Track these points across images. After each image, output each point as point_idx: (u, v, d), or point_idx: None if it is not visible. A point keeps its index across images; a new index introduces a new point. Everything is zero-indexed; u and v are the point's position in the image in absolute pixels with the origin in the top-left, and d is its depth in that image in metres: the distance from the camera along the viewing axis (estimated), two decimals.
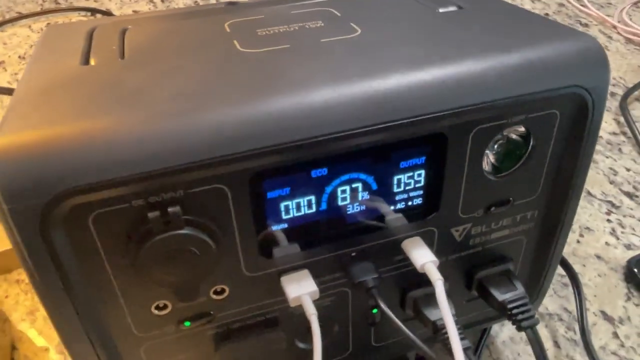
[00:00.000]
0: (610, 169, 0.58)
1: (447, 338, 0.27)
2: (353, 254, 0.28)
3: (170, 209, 0.23)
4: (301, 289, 0.27)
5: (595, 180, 0.57)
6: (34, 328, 0.43)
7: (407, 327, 0.27)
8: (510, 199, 0.30)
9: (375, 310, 0.32)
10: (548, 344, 0.42)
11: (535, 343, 0.30)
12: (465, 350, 0.29)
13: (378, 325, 0.33)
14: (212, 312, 0.28)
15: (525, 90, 0.26)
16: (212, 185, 0.23)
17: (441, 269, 0.29)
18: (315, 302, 0.29)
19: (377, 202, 0.27)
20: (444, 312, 0.26)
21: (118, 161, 0.21)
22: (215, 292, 0.27)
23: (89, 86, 0.25)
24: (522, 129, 0.28)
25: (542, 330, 0.43)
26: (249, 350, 0.29)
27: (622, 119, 0.65)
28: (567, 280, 0.46)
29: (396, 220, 0.28)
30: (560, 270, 0.47)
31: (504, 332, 0.42)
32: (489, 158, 0.29)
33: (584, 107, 0.28)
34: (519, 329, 0.31)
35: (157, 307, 0.26)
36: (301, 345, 0.32)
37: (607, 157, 0.60)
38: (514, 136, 0.28)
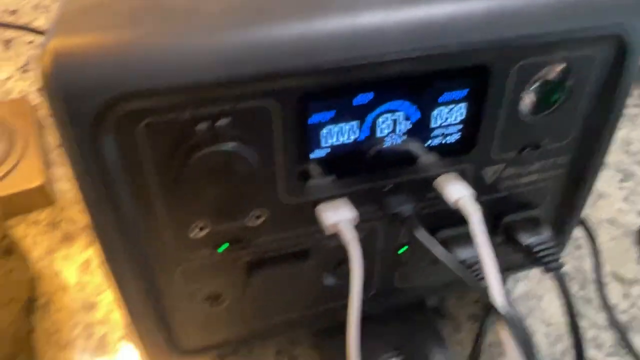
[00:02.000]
0: (625, 139, 0.59)
1: (479, 275, 0.28)
2: (388, 186, 0.29)
3: (218, 122, 0.23)
4: (338, 215, 0.27)
5: (610, 149, 0.57)
6: (52, 267, 0.43)
7: (429, 272, 0.28)
8: (543, 142, 0.30)
9: (401, 251, 0.32)
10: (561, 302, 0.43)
11: (563, 285, 0.30)
12: None
13: (403, 266, 0.34)
14: (248, 238, 0.28)
15: (571, 25, 0.26)
16: (259, 102, 0.23)
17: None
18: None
19: (416, 135, 0.28)
20: (481, 240, 0.26)
21: (171, 69, 0.21)
22: (253, 217, 0.27)
23: None
24: (561, 68, 0.28)
25: (555, 289, 0.43)
26: (279, 279, 0.29)
27: (637, 92, 0.65)
28: (580, 242, 0.47)
29: (431, 155, 0.29)
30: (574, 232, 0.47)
31: (518, 287, 0.43)
32: (526, 98, 0.29)
33: (622, 50, 0.28)
34: (547, 270, 0.31)
35: (196, 228, 0.26)
36: (330, 280, 0.32)
37: (622, 128, 0.60)
38: (552, 76, 0.28)
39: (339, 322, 0.35)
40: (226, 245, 0.27)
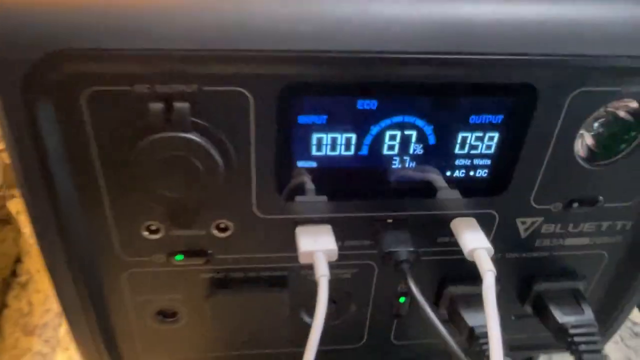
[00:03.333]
0: None
1: (486, 350, 0.22)
2: (389, 220, 0.23)
3: (177, 104, 0.18)
4: (317, 244, 0.22)
5: None
6: None
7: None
8: (600, 198, 0.24)
9: (402, 299, 0.27)
10: None
11: None
12: None
13: (403, 318, 0.28)
14: (210, 252, 0.23)
15: None
16: (232, 87, 0.19)
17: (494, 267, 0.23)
18: (332, 270, 0.24)
19: (432, 161, 0.22)
20: (490, 312, 0.20)
21: (125, 30, 0.17)
22: (218, 228, 0.23)
23: None
24: (635, 105, 0.22)
25: None
26: (245, 306, 0.25)
27: None
28: (638, 329, 0.38)
29: (451, 191, 0.23)
30: (632, 315, 0.39)
31: None
32: (585, 138, 0.23)
33: None
34: None
35: (148, 229, 0.22)
36: (307, 319, 0.27)
37: None
38: (623, 114, 0.22)
39: None
40: (181, 256, 0.23)
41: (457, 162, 0.22)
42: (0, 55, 0.17)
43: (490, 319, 0.20)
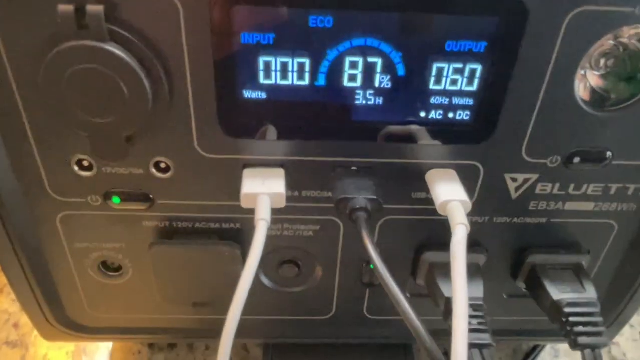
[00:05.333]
0: None
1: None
2: (353, 167, 0.20)
3: (90, 7, 0.16)
4: (263, 187, 0.19)
5: None
6: None
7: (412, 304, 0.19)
8: (608, 153, 0.20)
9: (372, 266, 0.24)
10: None
11: None
12: (478, 347, 0.20)
13: (376, 289, 0.25)
14: (151, 196, 0.21)
15: None
16: None
17: (478, 234, 0.20)
18: (292, 226, 0.22)
19: (402, 98, 0.19)
20: (457, 271, 0.17)
21: None
22: (157, 167, 0.20)
23: None
24: None
25: None
26: (193, 262, 0.22)
27: None
28: None
29: (426, 136, 0.20)
30: None
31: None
32: (589, 78, 0.19)
33: None
34: (574, 346, 0.21)
35: (80, 165, 0.20)
36: (266, 281, 0.24)
37: None
38: (636, 45, 0.18)
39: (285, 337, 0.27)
40: (118, 199, 0.20)
41: (432, 100, 0.19)
42: None
43: (457, 280, 0.17)
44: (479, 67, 0.18)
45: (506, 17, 0.17)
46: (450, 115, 0.19)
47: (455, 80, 0.18)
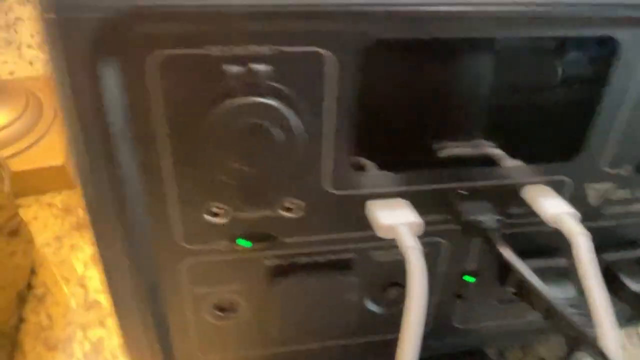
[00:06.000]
0: None
1: (568, 322, 0.21)
2: (460, 191, 0.22)
3: (256, 66, 0.17)
4: (398, 217, 0.21)
5: None
6: (58, 256, 0.39)
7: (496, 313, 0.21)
8: None
9: (467, 277, 0.26)
10: None
11: None
12: None
13: (465, 300, 0.27)
14: (275, 235, 0.22)
15: None
16: (310, 47, 0.18)
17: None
18: (397, 251, 0.23)
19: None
20: (589, 270, 0.19)
21: None
22: (285, 208, 0.21)
23: None
24: None
25: None
26: (310, 293, 0.23)
27: None
28: None
29: (517, 156, 0.22)
30: None
31: None
32: None
33: None
34: None
35: (211, 212, 0.21)
36: (371, 306, 0.25)
37: None
38: None
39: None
40: (247, 242, 0.21)
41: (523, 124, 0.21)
42: (68, 15, 0.16)
43: (592, 279, 0.19)
44: (571, 92, 0.21)
45: (600, 53, 0.20)
46: (540, 135, 0.22)
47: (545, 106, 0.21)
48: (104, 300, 0.36)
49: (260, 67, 0.17)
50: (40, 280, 0.37)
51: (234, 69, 0.17)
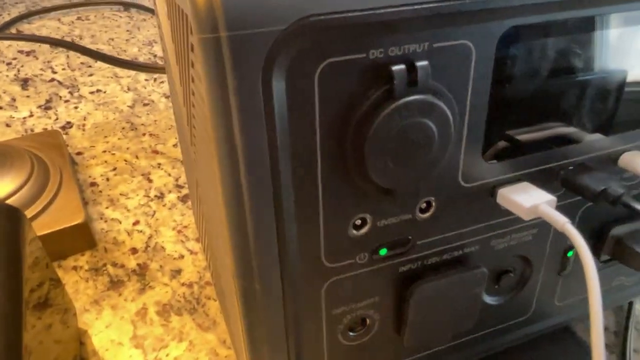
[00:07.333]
0: None
1: None
2: (570, 167, 0.23)
3: (419, 64, 0.17)
4: (537, 198, 0.21)
5: None
6: (102, 321, 0.36)
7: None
8: None
9: (570, 253, 0.26)
10: None
11: None
12: None
13: (567, 277, 0.27)
14: (410, 237, 0.22)
15: None
16: (458, 40, 0.18)
17: None
18: (513, 235, 0.24)
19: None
20: None
21: None
22: (420, 208, 0.21)
23: None
24: None
25: None
26: (443, 293, 0.23)
27: None
28: None
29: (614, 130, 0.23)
30: None
31: None
32: None
33: None
34: None
35: (355, 225, 0.20)
36: (487, 298, 0.26)
37: None
38: None
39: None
40: (384, 250, 0.21)
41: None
42: (243, 33, 0.15)
43: None
44: None
45: None
46: None
47: None
48: (165, 356, 0.33)
49: (422, 65, 0.17)
50: (90, 350, 0.34)
51: (400, 68, 0.17)
